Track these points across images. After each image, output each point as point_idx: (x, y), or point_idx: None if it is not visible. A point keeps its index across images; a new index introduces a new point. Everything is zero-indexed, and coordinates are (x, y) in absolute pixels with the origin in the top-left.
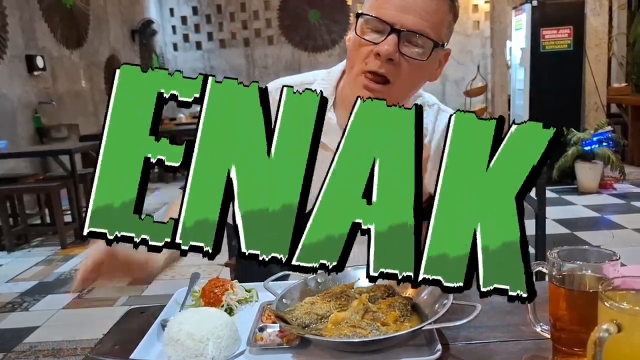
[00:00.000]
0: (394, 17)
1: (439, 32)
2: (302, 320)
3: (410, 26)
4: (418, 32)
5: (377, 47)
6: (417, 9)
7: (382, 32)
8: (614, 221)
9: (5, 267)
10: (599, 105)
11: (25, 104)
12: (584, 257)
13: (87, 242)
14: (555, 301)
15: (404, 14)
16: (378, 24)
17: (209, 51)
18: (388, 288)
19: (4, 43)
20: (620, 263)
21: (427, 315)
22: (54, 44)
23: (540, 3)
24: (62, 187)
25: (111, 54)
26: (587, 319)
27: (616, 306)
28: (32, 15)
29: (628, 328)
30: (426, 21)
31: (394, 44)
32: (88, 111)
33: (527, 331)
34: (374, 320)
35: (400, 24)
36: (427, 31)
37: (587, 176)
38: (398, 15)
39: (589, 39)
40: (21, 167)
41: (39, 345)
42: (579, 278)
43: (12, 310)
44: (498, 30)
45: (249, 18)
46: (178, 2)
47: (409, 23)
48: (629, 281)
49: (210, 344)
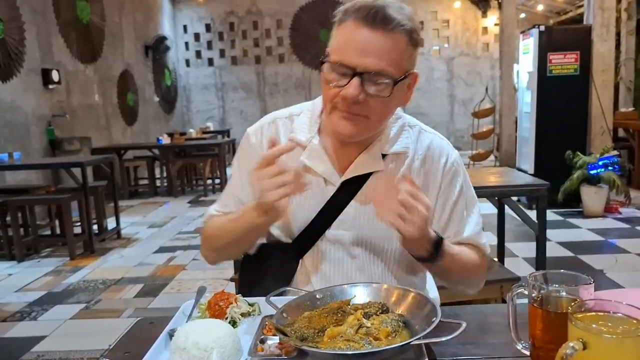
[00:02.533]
0: (355, 61)
1: (399, 66)
2: (301, 333)
3: (370, 68)
4: (378, 72)
5: (343, 91)
6: (376, 50)
7: (344, 75)
8: (618, 245)
9: (14, 277)
10: (605, 129)
11: (39, 116)
12: (561, 280)
13: (96, 254)
14: (534, 321)
15: (364, 57)
16: (341, 68)
17: (220, 68)
18: (382, 305)
19: (21, 57)
20: (594, 287)
21: (417, 331)
22: (69, 59)
23: (547, 28)
24: (73, 199)
25: (124, 68)
26: (561, 338)
27: (582, 326)
28: (49, 30)
29: (593, 346)
30: (385, 60)
31: (357, 87)
32: (100, 125)
33: (510, 349)
34: (367, 335)
35: (362, 67)
36: (387, 69)
37: (593, 200)
38: (358, 58)
39: (595, 64)
40: (33, 178)
41: (46, 355)
42: (555, 300)
43: (21, 320)
44: (507, 53)
45: (261, 36)
46: (191, 20)
47: (369, 65)
48: (601, 303)
49: (215, 353)
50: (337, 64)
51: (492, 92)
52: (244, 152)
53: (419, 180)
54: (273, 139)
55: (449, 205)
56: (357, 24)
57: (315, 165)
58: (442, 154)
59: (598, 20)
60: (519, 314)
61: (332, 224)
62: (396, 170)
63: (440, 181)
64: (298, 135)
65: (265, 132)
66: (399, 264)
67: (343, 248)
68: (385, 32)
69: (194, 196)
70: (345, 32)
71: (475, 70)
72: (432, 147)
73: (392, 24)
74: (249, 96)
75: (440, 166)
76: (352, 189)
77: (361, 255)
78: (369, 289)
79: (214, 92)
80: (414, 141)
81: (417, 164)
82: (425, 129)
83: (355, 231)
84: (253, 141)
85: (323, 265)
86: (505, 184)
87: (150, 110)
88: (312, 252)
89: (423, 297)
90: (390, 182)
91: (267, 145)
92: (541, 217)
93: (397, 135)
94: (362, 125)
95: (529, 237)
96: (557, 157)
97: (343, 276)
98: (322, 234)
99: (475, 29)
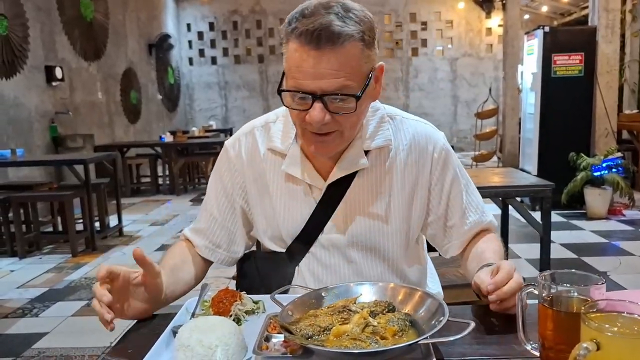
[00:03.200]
0: (311, 86)
1: (358, 75)
2: (306, 331)
3: (328, 89)
4: (337, 91)
5: (307, 116)
6: (329, 70)
7: (305, 100)
8: (622, 248)
9: (16, 273)
10: (609, 131)
11: (43, 113)
12: (572, 280)
13: (97, 251)
14: (544, 321)
15: (318, 80)
16: (299, 95)
17: (223, 66)
18: (388, 304)
19: (25, 54)
20: (605, 287)
21: (424, 330)
22: (73, 56)
23: (552, 29)
24: (76, 196)
25: (128, 66)
26: (572, 338)
27: (595, 326)
28: (52, 27)
29: (606, 347)
30: (341, 77)
31: (320, 110)
32: (103, 122)
33: (518, 349)
34: (374, 334)
35: (319, 90)
36: (346, 85)
37: (596, 202)
38: (313, 82)
39: (600, 66)
40: (35, 174)
41: (47, 352)
42: (566, 300)
43: (22, 316)
44: (510, 54)
45: (264, 35)
46: (195, 18)
47: (326, 87)
48: (613, 304)
49: (219, 350)
50: (294, 92)
51: (496, 93)
52: (221, 165)
53: (410, 172)
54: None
55: (446, 193)
56: (302, 48)
57: (297, 172)
58: (429, 141)
59: (603, 22)
60: (526, 314)
61: (324, 229)
62: (381, 165)
63: (431, 170)
64: (275, 143)
65: (243, 144)
66: (396, 262)
67: (338, 252)
68: (334, 50)
69: (196, 194)
70: (294, 56)
71: (478, 71)
72: (417, 135)
73: (340, 40)
74: (251, 95)
75: (429, 154)
76: (339, 190)
77: (357, 259)
78: (375, 287)
79: (217, 90)
80: (395, 132)
81: (403, 155)
82: (406, 117)
83: (349, 233)
84: (231, 154)
85: (319, 272)
86: (509, 184)
87: (153, 109)
88: (307, 260)
89: (430, 296)
90: (377, 178)
91: (246, 157)
92: (546, 218)
93: (376, 129)
94: (337, 141)
95: (531, 238)
96: (560, 159)
97: (340, 282)
98: (315, 240)
99: (479, 29)
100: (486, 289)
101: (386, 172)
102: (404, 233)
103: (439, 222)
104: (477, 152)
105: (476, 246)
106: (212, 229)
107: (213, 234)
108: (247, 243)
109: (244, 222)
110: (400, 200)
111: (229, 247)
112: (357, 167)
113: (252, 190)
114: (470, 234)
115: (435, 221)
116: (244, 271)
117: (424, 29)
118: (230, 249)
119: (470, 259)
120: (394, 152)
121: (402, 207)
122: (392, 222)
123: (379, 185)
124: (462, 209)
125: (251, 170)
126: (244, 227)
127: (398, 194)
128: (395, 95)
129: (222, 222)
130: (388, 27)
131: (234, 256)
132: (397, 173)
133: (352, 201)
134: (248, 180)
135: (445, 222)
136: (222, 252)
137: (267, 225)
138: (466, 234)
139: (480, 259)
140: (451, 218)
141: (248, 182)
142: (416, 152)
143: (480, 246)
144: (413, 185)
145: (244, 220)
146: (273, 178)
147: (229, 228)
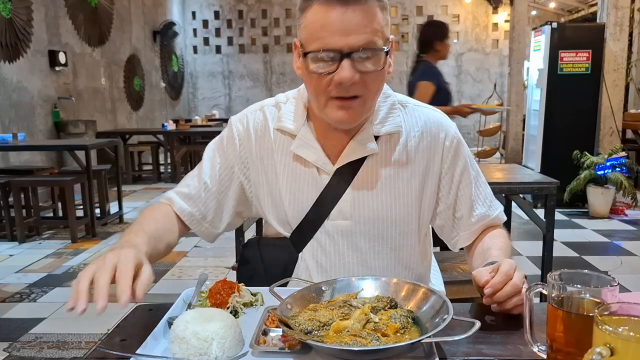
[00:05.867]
0: (339, 43)
1: (383, 34)
2: (305, 326)
3: (357, 45)
4: (365, 46)
5: (336, 77)
6: (355, 26)
7: (332, 59)
8: (624, 247)
9: (15, 258)
10: (614, 130)
11: (45, 98)
12: (583, 281)
13: (97, 237)
14: (553, 322)
15: (346, 37)
16: (326, 55)
17: (228, 55)
18: (391, 300)
19: (28, 37)
20: (618, 289)
21: (427, 328)
22: (77, 41)
23: (560, 25)
24: (76, 182)
25: (132, 53)
26: (583, 341)
27: (610, 330)
28: (57, 12)
29: (621, 352)
30: (367, 33)
31: (350, 68)
32: (106, 108)
33: (524, 351)
34: (375, 331)
35: (347, 46)
36: (373, 40)
37: (599, 201)
38: (341, 39)
39: (607, 64)
40: (37, 159)
41: (44, 337)
42: (577, 301)
43: (20, 301)
44: (517, 50)
45: (270, 25)
46: (200, 6)
47: (355, 42)
48: (626, 307)
49: (215, 343)
50: (321, 51)
51: (500, 89)
52: (225, 137)
53: (420, 159)
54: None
55: (456, 182)
56: (326, 7)
57: (306, 154)
58: (441, 128)
59: (612, 19)
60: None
61: (330, 214)
62: (391, 152)
63: (442, 158)
64: (285, 123)
65: (251, 120)
66: (403, 252)
67: (344, 239)
68: (358, 6)
69: None
70: (317, 17)
71: (483, 67)
72: (429, 122)
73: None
74: (255, 85)
75: (441, 142)
76: (347, 175)
77: (363, 247)
78: (378, 282)
79: (220, 79)
80: (406, 119)
81: (414, 142)
82: (418, 104)
83: (355, 219)
84: (239, 127)
85: (323, 260)
86: (513, 180)
87: (157, 96)
88: (310, 246)
89: (434, 292)
90: (387, 165)
91: (254, 133)
92: (549, 215)
93: (387, 115)
94: (359, 109)
95: (533, 235)
96: (564, 157)
97: (344, 271)
98: (320, 226)
99: (485, 24)
100: (484, 290)
101: (396, 159)
102: (414, 222)
103: (448, 212)
104: (481, 148)
105: (482, 242)
106: (203, 198)
107: (203, 203)
108: (230, 221)
109: (237, 198)
110: (410, 187)
111: (213, 221)
112: (367, 151)
113: (257, 167)
114: (477, 226)
115: (445, 211)
116: (245, 257)
117: None
118: (214, 223)
119: (476, 255)
120: (405, 138)
121: (412, 194)
122: (401, 209)
123: (389, 171)
124: (470, 200)
125: (259, 146)
126: (235, 203)
127: (408, 181)
128: (400, 89)
129: (216, 193)
130: (394, 20)
131: (214, 232)
132: (407, 160)
133: (360, 187)
134: (253, 156)
135: (454, 212)
136: (206, 225)
137: (272, 206)
138: (473, 226)
139: (485, 256)
140: (460, 209)
141: (253, 158)
142: (427, 139)
143: (487, 242)
144: (424, 173)
145: (239, 195)
146: (280, 159)
147: (219, 200)
